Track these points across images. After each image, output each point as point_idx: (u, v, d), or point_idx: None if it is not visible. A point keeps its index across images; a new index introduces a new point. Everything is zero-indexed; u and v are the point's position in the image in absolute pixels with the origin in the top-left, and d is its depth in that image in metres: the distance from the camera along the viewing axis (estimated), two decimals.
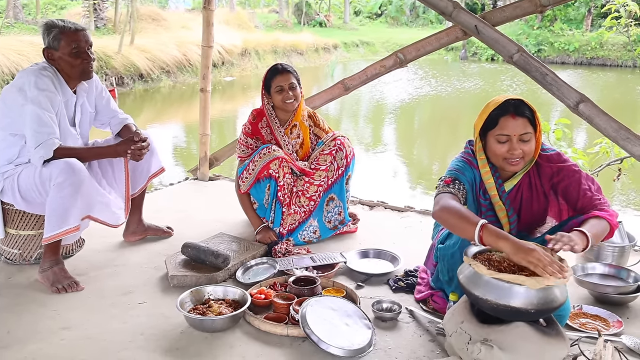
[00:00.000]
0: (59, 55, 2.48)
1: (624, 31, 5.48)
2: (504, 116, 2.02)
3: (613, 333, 2.12)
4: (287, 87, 2.92)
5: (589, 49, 21.31)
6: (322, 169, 3.00)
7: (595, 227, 1.91)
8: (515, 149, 2.01)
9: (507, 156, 2.03)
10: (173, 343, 2.05)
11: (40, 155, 2.38)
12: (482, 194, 2.16)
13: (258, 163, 2.90)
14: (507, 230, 2.13)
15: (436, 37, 3.29)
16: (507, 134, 2.01)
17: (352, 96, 3.76)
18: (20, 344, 2.02)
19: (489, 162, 2.13)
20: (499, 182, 2.14)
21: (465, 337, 1.78)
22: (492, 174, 2.13)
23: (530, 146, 2.03)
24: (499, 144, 2.04)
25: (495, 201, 2.14)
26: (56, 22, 2.49)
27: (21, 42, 10.93)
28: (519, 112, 2.01)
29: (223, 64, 15.33)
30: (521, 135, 2.01)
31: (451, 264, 2.15)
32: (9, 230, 2.65)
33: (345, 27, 28.58)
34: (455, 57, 23.06)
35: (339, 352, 1.94)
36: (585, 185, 2.05)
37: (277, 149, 2.93)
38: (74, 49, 2.48)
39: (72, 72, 2.52)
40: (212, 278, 2.49)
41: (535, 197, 2.13)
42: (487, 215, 2.15)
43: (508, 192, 2.14)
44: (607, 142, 3.85)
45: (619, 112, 4.47)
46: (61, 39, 2.47)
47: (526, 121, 2.01)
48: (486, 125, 2.07)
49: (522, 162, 2.05)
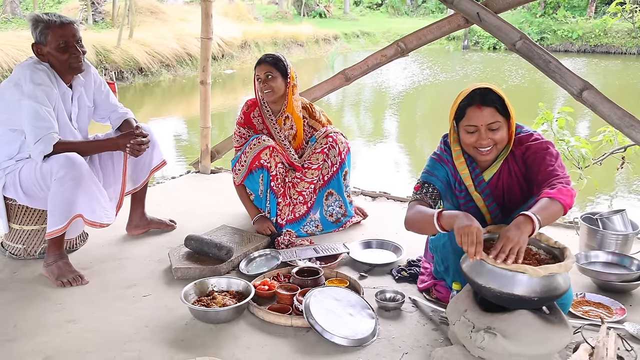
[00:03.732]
0: (47, 50, 2.45)
1: (628, 17, 5.43)
2: (470, 107, 2.01)
3: (616, 320, 2.13)
4: (263, 78, 2.93)
5: (592, 36, 21.11)
6: (314, 168, 3.00)
7: (546, 209, 1.84)
8: (483, 139, 2.00)
9: (476, 145, 2.03)
10: (178, 335, 2.06)
11: (40, 150, 2.37)
12: (458, 186, 2.16)
13: (249, 154, 2.90)
14: (488, 219, 2.14)
15: (437, 26, 3.27)
16: (474, 124, 2.00)
17: (353, 85, 3.74)
18: (26, 337, 2.03)
19: (464, 153, 2.13)
20: (476, 172, 2.13)
21: (469, 325, 1.78)
22: (467, 164, 2.13)
23: (501, 134, 2.01)
24: (467, 134, 2.03)
25: (471, 191, 2.14)
26: (42, 17, 2.44)
27: (19, 37, 10.88)
28: (486, 102, 1.98)
29: (223, 57, 15.27)
30: (489, 125, 1.99)
31: (444, 254, 2.16)
32: (13, 225, 2.65)
33: (345, 17, 28.42)
34: (456, 47, 22.92)
35: (343, 341, 1.95)
36: (549, 160, 2.00)
37: (268, 138, 2.93)
38: (62, 43, 2.44)
39: (61, 67, 2.48)
40: (215, 270, 2.50)
41: (516, 182, 2.12)
42: (469, 207, 2.15)
43: (488, 181, 2.13)
44: (611, 130, 3.83)
45: (623, 99, 4.45)
46: (48, 33, 2.43)
47: (494, 110, 1.99)
48: (457, 116, 2.07)
49: (494, 151, 2.04)
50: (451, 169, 2.17)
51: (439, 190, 2.16)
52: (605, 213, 2.80)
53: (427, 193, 2.15)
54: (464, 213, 1.86)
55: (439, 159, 2.19)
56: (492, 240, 1.90)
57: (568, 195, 1.87)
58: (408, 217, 2.10)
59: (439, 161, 2.19)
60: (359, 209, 3.24)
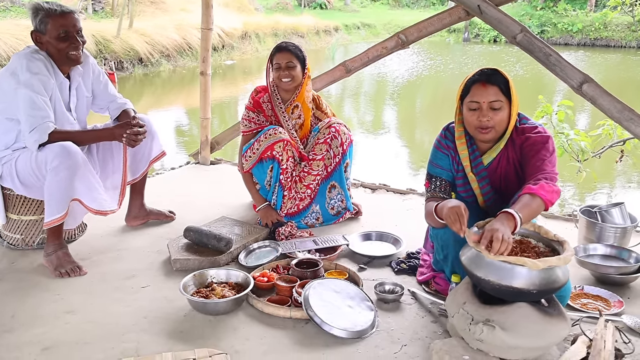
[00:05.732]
0: (46, 39, 2.43)
1: (628, 11, 5.41)
2: (475, 84, 2.05)
3: (614, 313, 2.13)
4: (284, 66, 2.91)
5: (592, 29, 21.04)
6: (319, 159, 2.99)
7: (527, 206, 1.86)
8: (484, 116, 2.02)
9: (477, 124, 2.05)
10: (177, 326, 2.06)
11: (35, 139, 2.36)
12: (456, 166, 2.20)
13: (263, 143, 2.89)
14: (481, 201, 2.18)
15: (438, 18, 3.26)
16: (477, 100, 2.04)
17: (352, 76, 3.73)
18: (24, 327, 2.03)
19: (467, 134, 2.16)
20: (475, 155, 2.16)
21: (468, 318, 1.79)
22: (467, 145, 2.16)
23: (502, 115, 2.03)
24: (470, 111, 2.07)
25: (467, 171, 2.17)
26: (42, 5, 2.42)
27: (18, 26, 10.80)
28: (491, 81, 2.03)
29: (223, 48, 15.20)
30: (491, 103, 2.02)
31: (444, 240, 2.17)
32: (11, 215, 2.65)
33: (346, 9, 28.25)
34: (457, 39, 22.83)
35: (342, 333, 1.96)
36: (542, 155, 2.02)
37: (283, 131, 2.93)
38: (62, 33, 2.42)
39: (59, 57, 2.46)
40: (214, 261, 2.50)
41: (514, 170, 2.14)
42: (467, 188, 2.20)
43: (487, 166, 2.15)
44: (610, 124, 3.82)
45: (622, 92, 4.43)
46: (48, 22, 2.41)
47: (497, 90, 2.02)
48: (462, 94, 2.11)
49: (493, 132, 2.05)
50: (452, 153, 2.20)
51: (447, 180, 2.21)
52: (604, 206, 2.80)
53: (437, 188, 2.21)
54: (452, 199, 1.98)
55: (439, 145, 2.23)
56: None
57: (550, 191, 1.89)
58: (425, 217, 2.21)
59: (439, 148, 2.23)
60: (355, 205, 3.22)
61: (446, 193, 2.20)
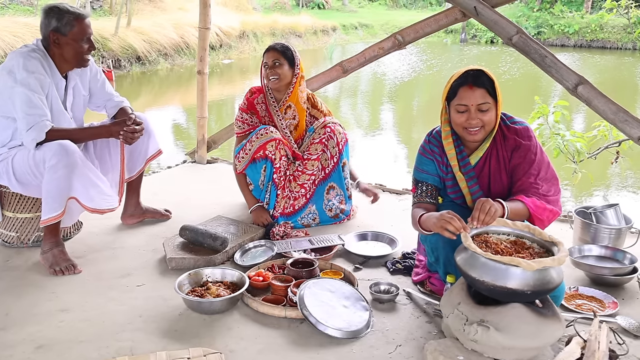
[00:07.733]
0: (66, 41, 2.47)
1: (624, 13, 5.43)
2: (462, 87, 2.06)
3: (608, 314, 2.14)
4: (271, 64, 2.93)
5: (588, 31, 21.11)
6: (314, 158, 3.00)
7: (516, 207, 1.99)
8: (473, 119, 2.05)
9: (465, 125, 2.07)
10: (171, 325, 2.06)
11: (33, 137, 2.36)
12: (445, 168, 2.21)
13: (255, 143, 2.90)
14: (469, 201, 2.20)
15: (435, 19, 3.27)
16: (465, 103, 2.05)
17: (350, 76, 3.74)
18: (18, 325, 2.03)
19: (453, 134, 2.17)
20: (462, 155, 2.18)
21: (462, 318, 1.79)
22: (454, 145, 2.17)
23: (490, 116, 2.06)
24: (458, 113, 2.08)
25: (455, 171, 2.18)
26: (69, 9, 2.48)
27: (16, 24, 10.77)
28: (477, 83, 2.04)
29: (221, 47, 15.18)
30: (479, 105, 2.04)
31: (433, 243, 2.18)
32: (6, 213, 2.64)
33: (344, 9, 28.25)
34: (454, 40, 22.86)
35: (337, 333, 1.96)
36: (534, 171, 2.08)
37: (275, 130, 2.93)
38: (85, 37, 2.49)
39: (73, 58, 2.51)
40: (210, 260, 2.50)
41: (503, 168, 2.16)
42: (455, 190, 2.22)
43: (474, 165, 2.17)
44: (606, 125, 3.83)
45: (618, 94, 4.45)
46: (75, 25, 2.46)
47: (484, 92, 2.04)
48: (449, 96, 2.12)
49: (482, 132, 2.08)
50: (437, 158, 2.21)
51: (433, 185, 2.23)
52: (599, 207, 2.81)
53: (423, 193, 2.24)
54: (434, 212, 2.02)
55: (424, 151, 2.26)
56: (487, 234, 1.91)
57: (541, 207, 2.02)
58: (411, 222, 2.23)
59: (424, 154, 2.25)
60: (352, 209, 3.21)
61: (433, 198, 2.23)
